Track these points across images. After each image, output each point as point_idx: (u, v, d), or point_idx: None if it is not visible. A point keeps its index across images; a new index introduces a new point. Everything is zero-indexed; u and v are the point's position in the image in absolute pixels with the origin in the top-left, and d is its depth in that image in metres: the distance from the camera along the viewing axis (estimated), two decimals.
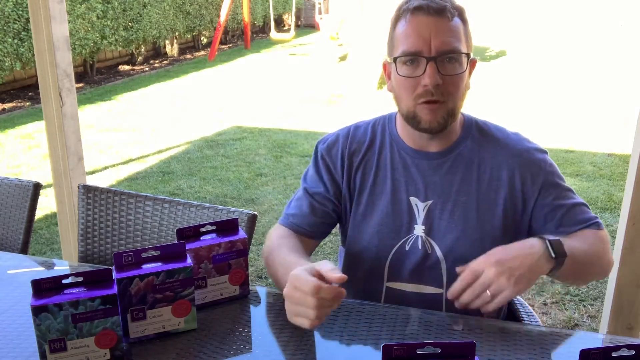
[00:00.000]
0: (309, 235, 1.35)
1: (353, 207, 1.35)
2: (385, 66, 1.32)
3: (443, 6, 1.20)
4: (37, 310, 0.97)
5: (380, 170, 1.32)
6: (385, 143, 1.34)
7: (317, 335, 1.11)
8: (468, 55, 1.23)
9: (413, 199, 1.30)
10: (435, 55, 1.18)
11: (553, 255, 1.11)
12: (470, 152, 1.30)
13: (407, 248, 1.30)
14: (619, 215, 2.12)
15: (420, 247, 1.29)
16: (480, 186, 1.28)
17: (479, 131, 1.33)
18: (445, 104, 1.21)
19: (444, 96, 1.20)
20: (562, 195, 1.29)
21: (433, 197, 1.29)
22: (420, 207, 1.29)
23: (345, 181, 1.34)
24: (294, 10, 11.22)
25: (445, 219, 1.28)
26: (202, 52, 11.14)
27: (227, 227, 1.24)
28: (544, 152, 1.32)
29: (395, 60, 1.23)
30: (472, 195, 1.27)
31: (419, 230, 1.29)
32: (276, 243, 1.29)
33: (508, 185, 1.27)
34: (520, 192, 1.28)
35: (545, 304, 2.84)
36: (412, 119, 1.24)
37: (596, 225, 1.28)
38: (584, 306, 2.80)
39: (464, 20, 1.24)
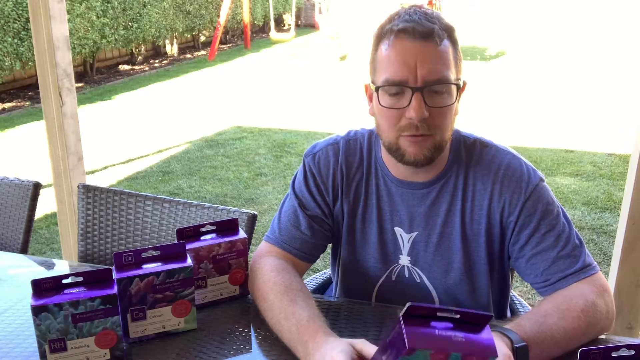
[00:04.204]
0: (306, 259, 1.27)
1: (345, 232, 1.28)
2: (367, 88, 1.21)
3: (430, 29, 1.08)
4: (37, 310, 0.97)
5: (369, 198, 1.25)
6: (371, 168, 1.25)
7: None
8: (458, 85, 1.12)
9: (398, 230, 1.23)
10: (422, 86, 1.07)
11: None
12: (456, 179, 1.20)
13: (393, 278, 1.26)
14: (619, 215, 2.12)
15: (407, 275, 1.25)
16: (464, 216, 1.20)
17: (467, 152, 1.22)
18: (431, 137, 1.11)
19: (430, 129, 1.10)
20: (545, 236, 1.15)
21: (418, 229, 1.22)
22: (405, 239, 1.23)
23: (338, 203, 1.27)
24: (294, 10, 11.22)
25: (430, 252, 1.22)
26: (202, 52, 11.14)
27: (227, 227, 1.24)
28: (533, 176, 1.18)
29: (377, 89, 1.12)
30: (456, 226, 1.20)
31: (404, 260, 1.24)
32: (274, 281, 1.15)
33: (487, 214, 1.18)
34: (498, 222, 1.18)
35: None
36: (395, 152, 1.15)
37: (586, 273, 1.13)
38: None
39: (453, 42, 1.12)
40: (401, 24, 1.09)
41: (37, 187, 1.72)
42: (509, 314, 1.41)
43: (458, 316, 0.81)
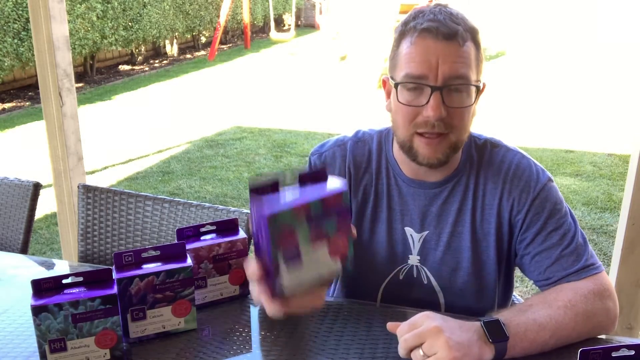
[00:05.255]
0: None
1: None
2: (385, 83, 1.20)
3: (455, 30, 1.07)
4: (37, 310, 0.97)
5: (379, 198, 1.25)
6: (381, 167, 1.25)
7: (317, 335, 1.11)
8: (478, 86, 1.11)
9: (408, 229, 1.24)
10: (442, 85, 1.07)
11: (490, 339, 0.97)
12: (468, 179, 1.21)
13: (400, 277, 1.26)
14: (619, 215, 2.12)
15: (415, 276, 1.25)
16: (475, 216, 1.21)
17: (478, 153, 1.23)
18: (447, 137, 1.11)
19: (446, 128, 1.10)
20: (550, 234, 1.16)
21: (429, 229, 1.22)
22: (415, 238, 1.23)
23: None
24: (294, 10, 11.22)
25: (440, 251, 1.22)
26: (202, 52, 11.14)
27: (227, 227, 1.24)
28: (541, 176, 1.19)
29: (396, 85, 1.12)
30: (467, 225, 1.20)
31: (413, 260, 1.24)
32: None
33: (497, 213, 1.19)
34: (507, 220, 1.19)
35: None
36: (408, 151, 1.15)
37: (588, 272, 1.13)
38: None
39: (476, 44, 1.12)
40: (425, 23, 1.08)
41: (37, 187, 1.72)
42: None
43: (298, 181, 0.87)
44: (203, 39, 11.62)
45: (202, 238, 1.21)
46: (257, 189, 0.84)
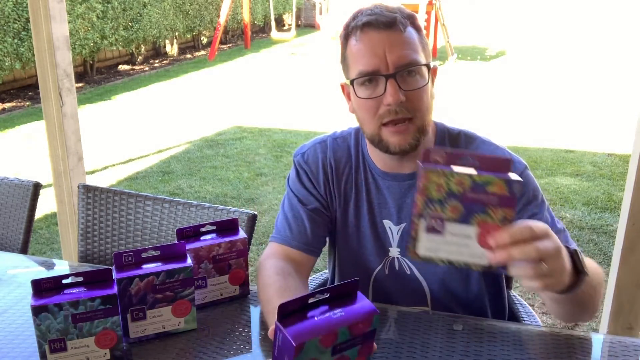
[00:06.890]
0: (312, 253, 1.28)
1: (340, 226, 1.30)
2: (343, 87, 1.25)
3: (393, 18, 1.12)
4: (37, 310, 0.97)
5: (359, 192, 1.28)
6: (359, 162, 1.29)
7: None
8: (428, 65, 1.15)
9: (386, 222, 1.26)
10: (394, 72, 1.11)
11: (581, 267, 0.94)
12: None
13: (386, 272, 1.28)
14: (619, 215, 2.12)
15: (397, 268, 1.27)
16: None
17: (451, 143, 1.25)
18: (412, 122, 1.14)
19: (410, 112, 1.13)
20: (544, 216, 1.18)
21: (406, 220, 1.24)
22: (394, 231, 1.26)
23: (328, 195, 1.30)
24: (294, 10, 11.23)
25: None
26: (202, 52, 11.14)
27: (227, 227, 1.24)
28: (519, 165, 1.23)
29: (352, 82, 1.16)
30: None
31: (394, 252, 1.26)
32: (279, 285, 1.15)
33: None
34: None
35: (545, 304, 2.84)
36: (378, 144, 1.18)
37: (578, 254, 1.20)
38: None
39: (417, 29, 1.17)
40: (365, 18, 1.14)
41: (37, 187, 1.72)
42: (507, 308, 1.41)
43: (328, 295, 0.83)
44: (203, 39, 11.62)
45: (202, 238, 1.21)
46: (286, 312, 0.81)
